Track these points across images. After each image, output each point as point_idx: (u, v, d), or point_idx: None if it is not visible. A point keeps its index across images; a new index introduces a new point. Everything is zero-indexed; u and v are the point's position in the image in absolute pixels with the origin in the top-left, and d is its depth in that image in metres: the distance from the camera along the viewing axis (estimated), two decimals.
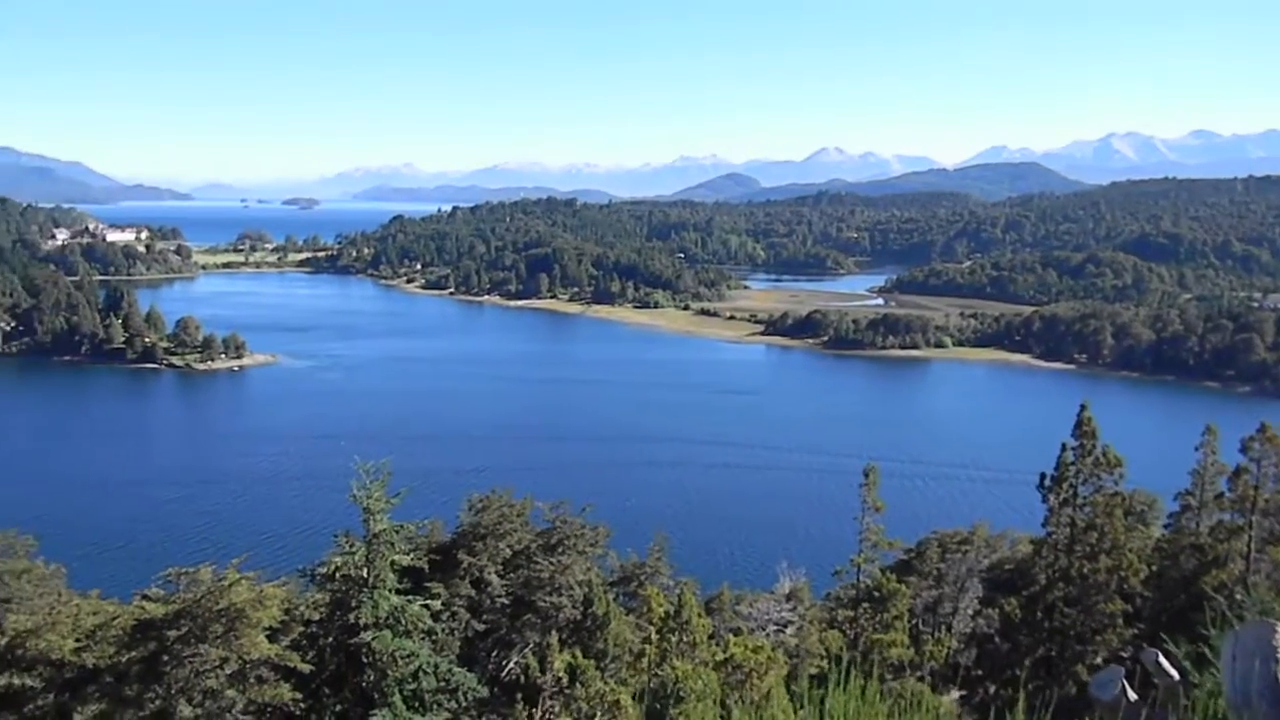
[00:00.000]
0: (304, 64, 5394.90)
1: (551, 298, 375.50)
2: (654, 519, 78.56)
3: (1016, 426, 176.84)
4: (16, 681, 24.11)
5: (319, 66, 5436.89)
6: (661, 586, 43.07)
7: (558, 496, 44.13)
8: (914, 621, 50.69)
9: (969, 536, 58.19)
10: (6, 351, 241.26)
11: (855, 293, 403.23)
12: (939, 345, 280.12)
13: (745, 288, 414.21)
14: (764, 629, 47.72)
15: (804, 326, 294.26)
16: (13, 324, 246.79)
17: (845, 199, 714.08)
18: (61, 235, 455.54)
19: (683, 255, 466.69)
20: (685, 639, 34.01)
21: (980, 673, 52.83)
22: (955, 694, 48.10)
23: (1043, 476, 48.09)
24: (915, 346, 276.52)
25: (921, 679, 43.40)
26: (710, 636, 36.94)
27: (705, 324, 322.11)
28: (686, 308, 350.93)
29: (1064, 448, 47.15)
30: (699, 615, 36.33)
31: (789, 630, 47.68)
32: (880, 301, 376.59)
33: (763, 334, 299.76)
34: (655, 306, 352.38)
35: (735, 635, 39.88)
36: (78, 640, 24.52)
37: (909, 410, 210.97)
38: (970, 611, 52.55)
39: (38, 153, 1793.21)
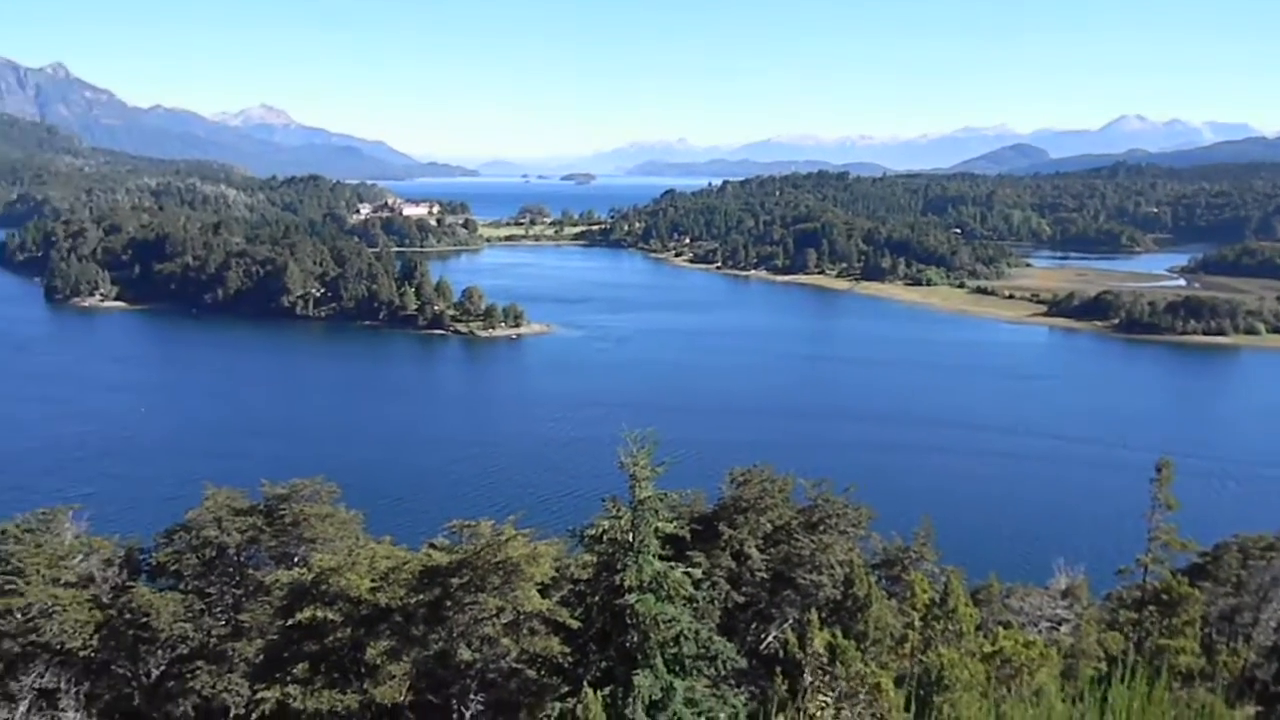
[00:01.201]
0: (582, 43, 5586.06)
1: (819, 273, 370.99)
2: (919, 502, 76.17)
3: None
4: (320, 614, 26.86)
5: (596, 45, 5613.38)
6: (926, 572, 41.90)
7: (820, 474, 43.90)
8: (1206, 630, 46.65)
9: (1275, 543, 52.73)
10: (316, 316, 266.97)
11: (1152, 273, 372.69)
12: (1250, 331, 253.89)
13: (1027, 265, 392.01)
14: (1036, 625, 45.48)
15: (1092, 308, 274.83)
16: (322, 290, 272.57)
17: (1145, 170, 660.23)
18: (364, 210, 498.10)
19: (959, 230, 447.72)
20: (951, 628, 32.99)
21: None
22: (1251, 709, 43.91)
23: None
24: (1222, 332, 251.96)
25: (1213, 690, 39.95)
26: (978, 628, 35.65)
27: (981, 303, 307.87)
28: (962, 285, 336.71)
29: None
30: (966, 605, 35.12)
31: (1064, 628, 45.23)
32: (1181, 282, 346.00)
33: (1045, 315, 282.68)
34: (928, 284, 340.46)
35: (1005, 628, 38.24)
36: (373, 581, 26.97)
37: (1212, 402, 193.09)
38: (1274, 624, 47.74)
39: (346, 133, 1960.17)
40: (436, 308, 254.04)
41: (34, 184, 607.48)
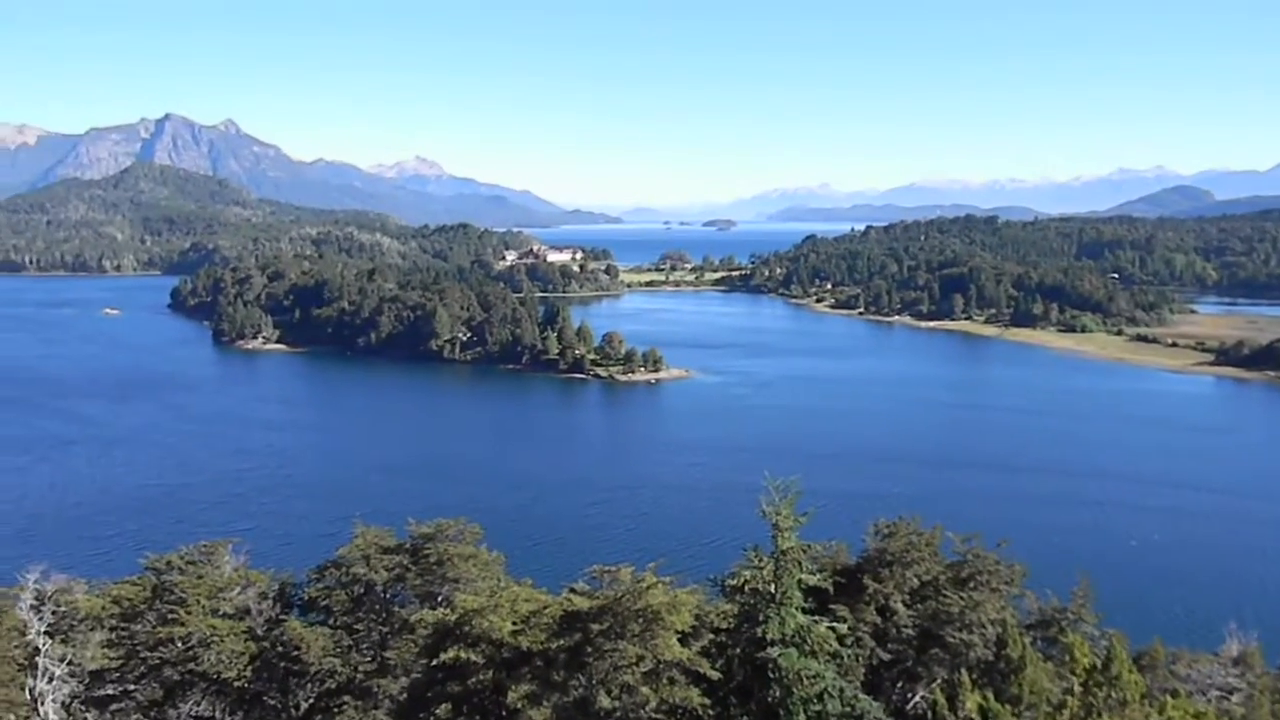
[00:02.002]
0: (724, 91, 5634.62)
1: (966, 319, 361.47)
2: (1077, 560, 72.37)
3: None
4: (463, 655, 27.15)
5: (738, 93, 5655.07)
6: (1085, 635, 39.67)
7: (969, 528, 42.30)
8: None
9: None
10: (462, 359, 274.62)
11: None
12: None
13: (1191, 312, 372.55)
14: (1205, 694, 42.50)
15: (1264, 356, 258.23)
16: (468, 334, 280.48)
17: None
18: (510, 256, 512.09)
19: (1116, 276, 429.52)
20: (1114, 695, 31.04)
21: None
22: None
23: None
24: None
25: None
26: (1143, 696, 33.46)
27: (1141, 351, 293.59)
28: (1119, 332, 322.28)
29: None
30: (1130, 671, 33.04)
31: (1235, 698, 42.12)
32: None
33: (1212, 364, 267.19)
34: (1082, 330, 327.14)
35: (1172, 697, 35.80)
36: (515, 624, 27.15)
37: None
38: None
39: (494, 183, 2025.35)
40: (577, 352, 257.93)
41: (205, 234, 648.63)
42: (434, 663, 27.20)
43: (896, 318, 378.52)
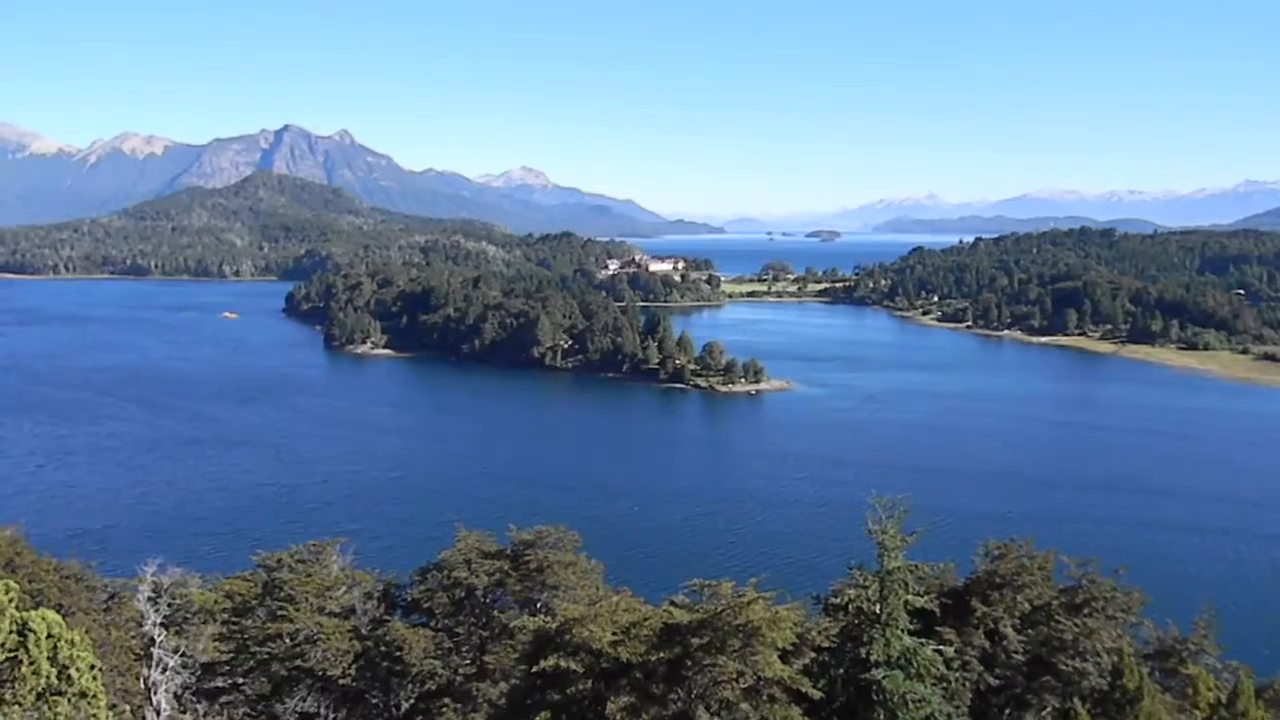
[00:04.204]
0: (829, 102, 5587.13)
1: (1079, 335, 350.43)
2: (1200, 589, 69.24)
3: None
4: (563, 664, 27.18)
5: (842, 102, 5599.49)
6: (1208, 667, 37.88)
7: (1084, 551, 40.89)
8: None
9: None
10: (563, 366, 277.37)
11: None
12: None
13: None
14: None
15: None
16: (570, 342, 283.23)
17: None
18: (612, 265, 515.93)
19: (1242, 292, 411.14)
20: None
21: None
22: None
23: None
24: None
25: None
26: None
27: (1269, 370, 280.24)
28: (1245, 351, 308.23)
29: None
30: (1257, 707, 31.40)
31: None
32: None
33: None
34: (1205, 348, 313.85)
35: None
36: (614, 634, 27.08)
37: None
38: None
39: (598, 193, 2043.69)
40: (678, 361, 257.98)
41: (319, 241, 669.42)
42: (533, 669, 27.32)
43: (1006, 332, 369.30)
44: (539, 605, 39.16)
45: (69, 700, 21.66)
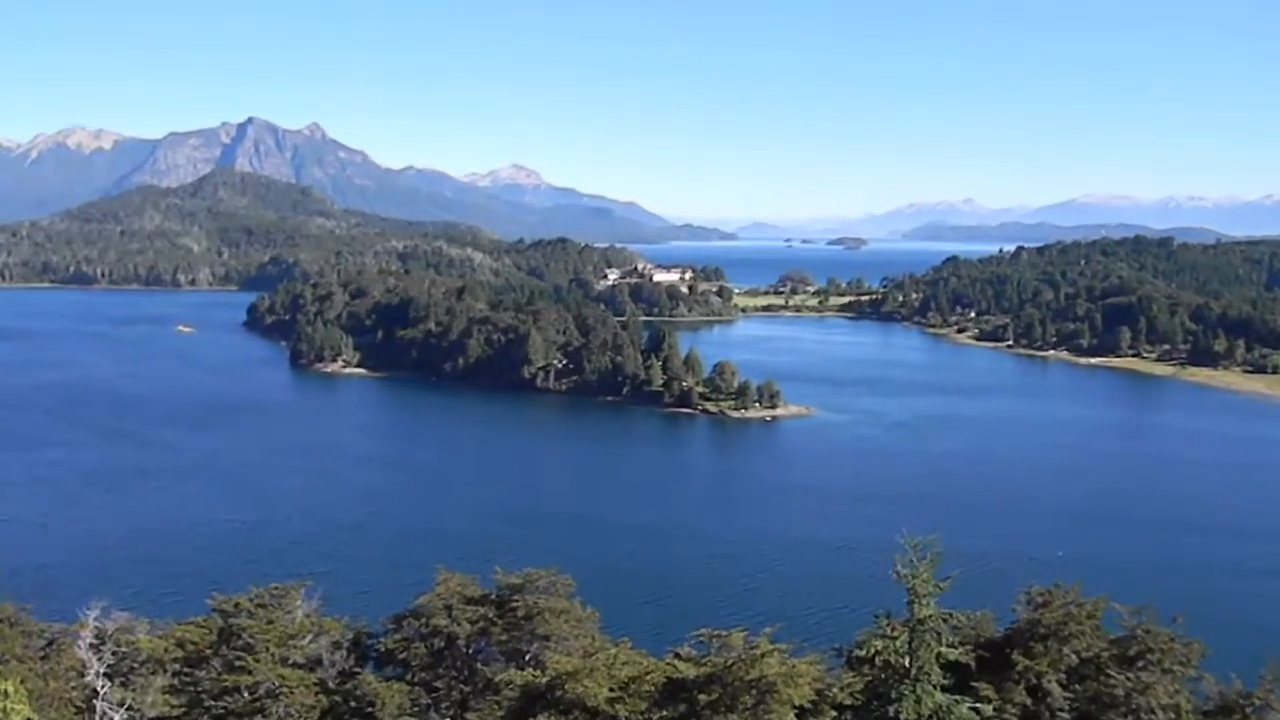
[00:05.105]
0: (850, 92, 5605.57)
1: (1133, 355, 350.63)
2: (1266, 639, 68.95)
3: None
4: None
5: (867, 96, 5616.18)
6: None
7: (1138, 598, 40.92)
8: None
9: None
10: (556, 388, 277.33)
11: None
12: None
13: None
14: None
15: None
16: (564, 361, 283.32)
17: None
18: (612, 275, 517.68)
19: None
20: None
21: None
22: None
23: None
24: None
25: None
26: None
27: None
28: None
29: None
30: None
31: None
32: None
33: None
34: (1274, 371, 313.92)
35: None
36: (612, 690, 27.10)
37: None
38: None
39: (597, 194, 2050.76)
40: (685, 383, 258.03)
41: (285, 246, 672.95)
42: None
43: (1052, 352, 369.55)
44: (527, 657, 39.15)
45: None
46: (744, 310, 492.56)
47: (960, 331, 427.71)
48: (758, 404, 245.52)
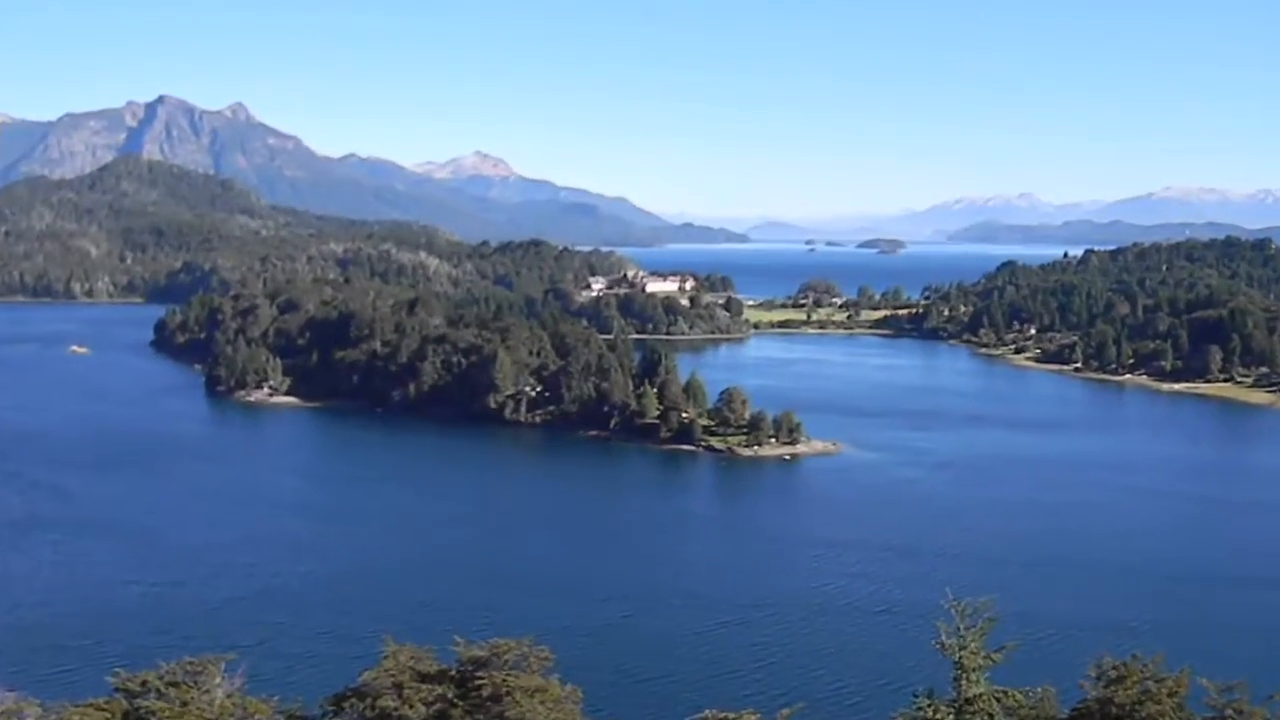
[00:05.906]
0: (884, 67, 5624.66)
1: (1226, 380, 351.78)
2: None
3: None
4: None
5: (905, 73, 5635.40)
6: None
7: (1230, 672, 41.22)
8: None
9: None
10: (529, 421, 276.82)
11: None
12: None
13: None
14: None
15: None
16: (538, 389, 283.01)
17: None
18: (597, 284, 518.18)
19: None
20: None
21: None
22: None
23: None
24: None
25: None
26: None
27: None
28: None
29: None
30: None
31: None
32: None
33: None
34: None
35: None
36: None
37: None
38: None
39: (578, 187, 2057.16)
40: (685, 415, 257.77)
41: (201, 250, 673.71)
42: None
43: (1128, 376, 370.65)
44: None
45: None
46: (757, 326, 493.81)
47: (1018, 352, 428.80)
48: (774, 439, 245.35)
